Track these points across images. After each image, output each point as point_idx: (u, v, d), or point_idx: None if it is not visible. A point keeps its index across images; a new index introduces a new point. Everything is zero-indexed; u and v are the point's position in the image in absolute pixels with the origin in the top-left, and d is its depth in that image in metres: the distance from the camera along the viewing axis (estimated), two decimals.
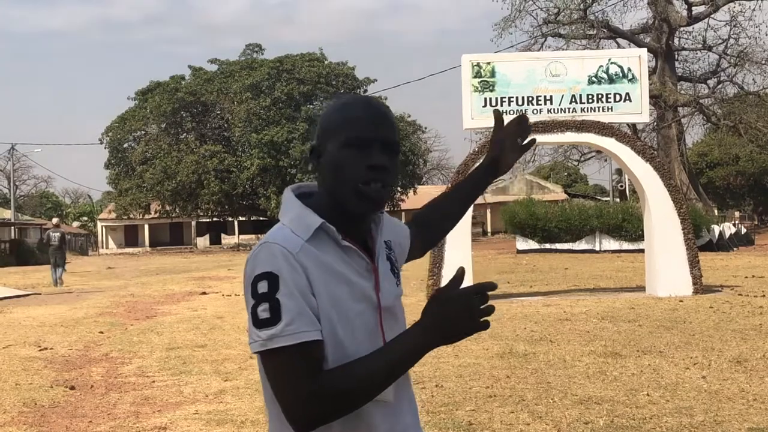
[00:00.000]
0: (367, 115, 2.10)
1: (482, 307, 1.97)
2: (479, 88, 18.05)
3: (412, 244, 2.50)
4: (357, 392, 1.98)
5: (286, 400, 1.97)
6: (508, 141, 2.66)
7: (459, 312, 1.95)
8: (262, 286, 1.96)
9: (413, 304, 6.44)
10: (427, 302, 1.99)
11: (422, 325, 1.97)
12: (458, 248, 17.69)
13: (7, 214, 74.66)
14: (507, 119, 2.62)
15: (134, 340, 13.19)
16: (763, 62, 49.53)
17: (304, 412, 1.96)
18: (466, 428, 6.88)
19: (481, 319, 1.97)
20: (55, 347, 12.54)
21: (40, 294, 24.48)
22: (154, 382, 9.59)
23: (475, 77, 18.08)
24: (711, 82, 53.61)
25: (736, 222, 51.16)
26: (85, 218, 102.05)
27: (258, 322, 1.96)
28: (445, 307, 1.96)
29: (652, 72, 46.44)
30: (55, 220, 33.77)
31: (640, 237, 29.55)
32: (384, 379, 1.99)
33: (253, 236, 78.12)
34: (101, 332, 14.35)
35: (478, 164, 2.80)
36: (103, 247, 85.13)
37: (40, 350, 12.27)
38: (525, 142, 2.70)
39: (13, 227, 67.94)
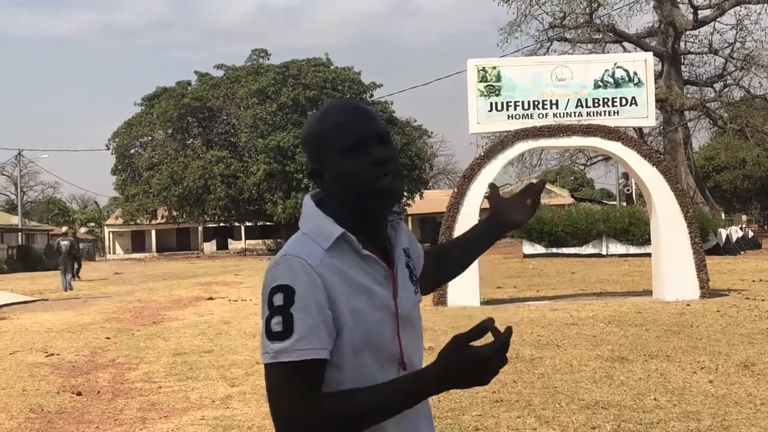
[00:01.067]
0: (349, 118, 2.10)
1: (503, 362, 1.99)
2: (485, 93, 18.05)
3: (425, 269, 2.46)
4: (351, 422, 1.97)
5: (281, 415, 1.98)
6: (512, 202, 2.63)
7: (481, 370, 1.96)
8: (278, 299, 1.96)
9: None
10: (448, 348, 1.96)
11: (436, 373, 1.95)
12: None
13: (15, 220, 74.86)
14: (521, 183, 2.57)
15: (141, 345, 13.20)
16: None
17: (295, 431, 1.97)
18: None
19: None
20: (61, 353, 12.56)
21: (47, 300, 24.52)
22: (160, 387, 9.60)
23: (480, 82, 18.07)
24: (717, 86, 53.55)
25: (743, 226, 51.07)
26: (92, 224, 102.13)
27: (271, 335, 1.96)
28: (467, 363, 1.94)
29: (658, 76, 46.41)
30: (64, 229, 35.00)
31: (646, 241, 29.51)
32: (382, 415, 1.99)
33: (259, 241, 78.17)
34: (108, 338, 14.37)
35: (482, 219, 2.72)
36: (110, 253, 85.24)
37: (46, 356, 12.29)
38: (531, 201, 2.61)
39: (20, 233, 68.16)
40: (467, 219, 17.85)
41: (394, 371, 2.08)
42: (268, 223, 70.34)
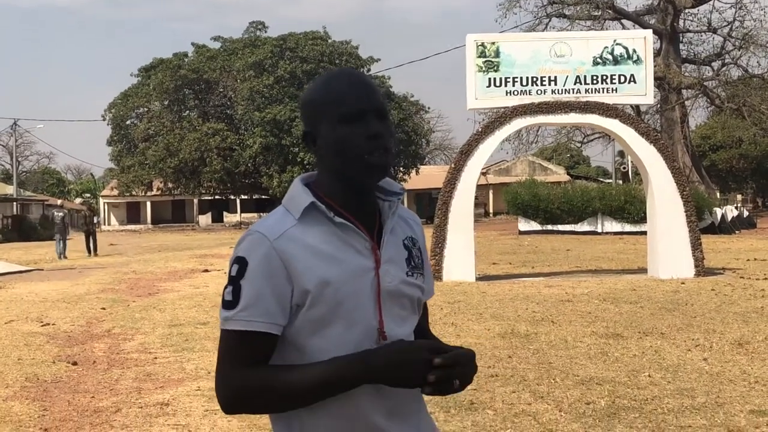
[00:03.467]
0: (353, 88, 2.11)
1: (435, 364, 1.96)
2: (483, 68, 18.00)
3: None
4: (277, 397, 2.02)
5: (216, 378, 2.06)
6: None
7: (411, 365, 1.97)
8: (233, 270, 2.06)
9: None
10: (392, 342, 2.04)
11: (367, 360, 1.99)
12: (460, 229, 17.70)
13: (10, 189, 74.76)
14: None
15: (136, 316, 13.22)
16: None
17: (223, 394, 2.05)
18: (467, 407, 6.90)
19: (430, 381, 1.96)
20: (57, 323, 12.58)
21: (42, 270, 24.54)
22: (156, 358, 9.62)
23: (479, 57, 18.02)
24: (715, 65, 53.45)
25: (739, 205, 51.13)
26: (88, 195, 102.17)
27: (223, 303, 2.06)
28: (401, 355, 1.98)
29: (656, 54, 46.24)
30: (59, 201, 36.85)
31: (642, 219, 29.58)
32: (311, 395, 2.01)
33: (255, 214, 78.06)
34: (103, 308, 14.39)
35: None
36: (105, 224, 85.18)
37: (42, 326, 12.31)
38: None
39: (15, 203, 68.10)
40: (464, 195, 17.86)
41: (373, 344, 2.07)
42: (263, 197, 70.21)
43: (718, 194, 53.40)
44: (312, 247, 2.05)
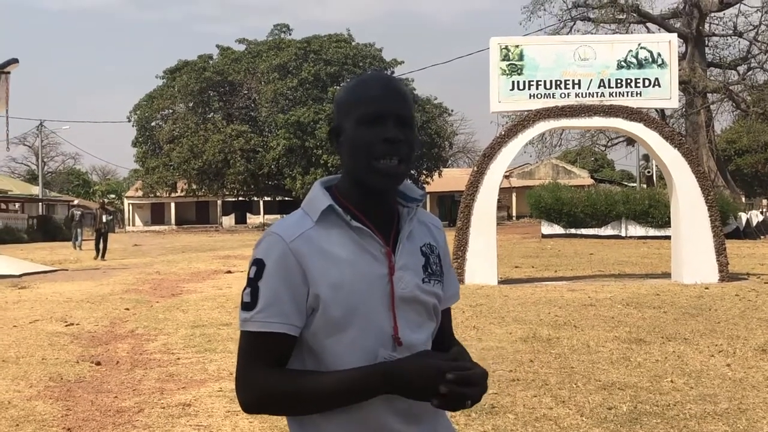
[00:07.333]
0: (379, 91, 2.12)
1: (447, 378, 1.94)
2: (507, 71, 17.98)
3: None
4: (293, 401, 2.04)
5: (236, 378, 2.09)
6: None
7: (427, 379, 1.96)
8: (252, 272, 2.08)
9: None
10: (411, 355, 2.04)
11: (385, 374, 1.99)
12: (483, 232, 17.68)
13: (35, 190, 75.19)
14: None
15: (160, 317, 13.28)
16: None
17: (242, 394, 2.08)
18: (488, 411, 6.89)
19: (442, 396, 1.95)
20: (81, 323, 12.66)
21: (67, 270, 24.68)
22: (179, 359, 9.66)
23: (503, 60, 18.00)
24: (741, 69, 53.02)
25: (764, 210, 50.72)
26: (113, 195, 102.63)
27: (242, 304, 2.09)
28: (419, 372, 1.97)
29: (681, 58, 46.01)
30: (75, 201, 41.24)
31: (666, 223, 29.44)
32: (326, 403, 2.04)
33: (278, 216, 78.10)
34: (127, 309, 14.46)
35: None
36: (129, 225, 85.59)
37: (66, 326, 12.39)
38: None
39: (41, 203, 68.53)
40: (486, 198, 17.84)
41: (388, 349, 2.08)
42: (286, 198, 70.29)
43: (743, 199, 53.03)
44: (327, 250, 2.07)
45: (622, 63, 17.89)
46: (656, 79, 17.90)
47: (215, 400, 7.54)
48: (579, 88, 17.89)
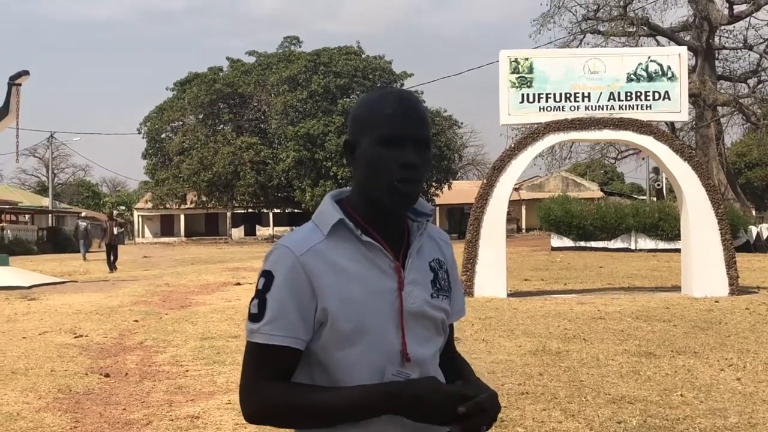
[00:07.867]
0: (401, 112, 2.10)
1: (459, 413, 1.97)
2: (517, 84, 17.98)
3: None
4: (295, 416, 2.05)
5: (240, 387, 2.10)
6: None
7: (435, 407, 1.97)
8: (260, 283, 2.09)
9: None
10: (419, 378, 2.05)
11: (391, 396, 1.99)
12: (492, 245, 17.65)
13: (45, 201, 75.40)
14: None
15: (169, 329, 13.29)
16: None
17: (245, 405, 2.09)
18: (497, 425, 6.86)
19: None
20: (90, 335, 12.67)
21: (76, 282, 24.73)
22: (187, 371, 9.66)
23: (512, 73, 18.01)
24: (751, 82, 52.92)
25: None
26: (123, 207, 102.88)
27: (249, 315, 2.11)
28: (425, 398, 1.97)
29: (691, 71, 45.95)
30: (83, 213, 42.20)
31: (676, 236, 29.31)
32: (330, 419, 2.04)
33: (287, 228, 78.19)
34: (136, 321, 14.48)
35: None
36: (139, 236, 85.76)
37: (75, 337, 12.40)
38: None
39: (50, 215, 68.71)
40: (496, 210, 17.82)
41: (396, 364, 2.08)
42: (296, 210, 70.38)
43: (753, 212, 52.83)
44: (337, 264, 2.06)
45: (632, 76, 17.88)
46: (666, 92, 17.88)
47: (224, 412, 7.53)
48: (589, 101, 17.87)
